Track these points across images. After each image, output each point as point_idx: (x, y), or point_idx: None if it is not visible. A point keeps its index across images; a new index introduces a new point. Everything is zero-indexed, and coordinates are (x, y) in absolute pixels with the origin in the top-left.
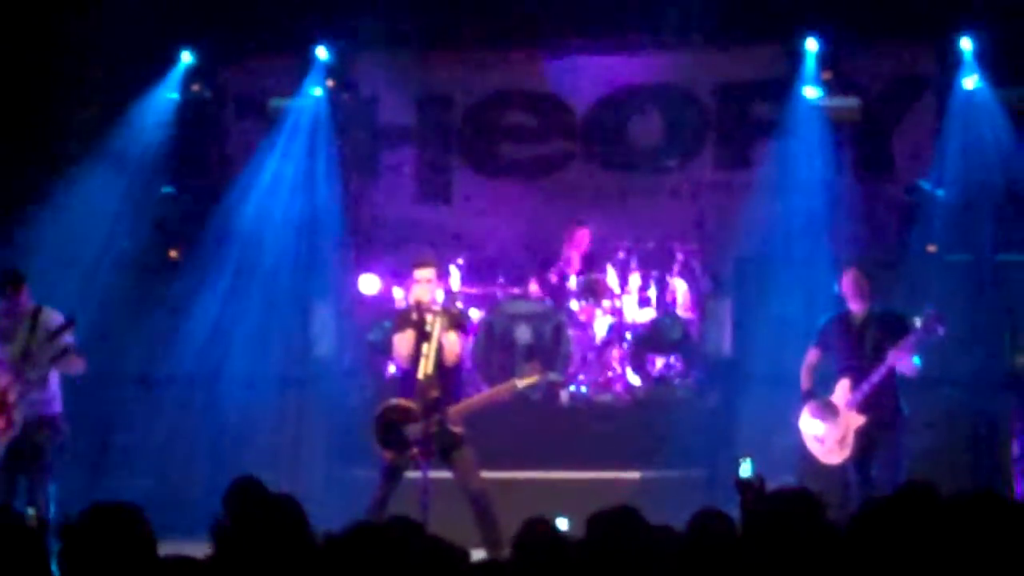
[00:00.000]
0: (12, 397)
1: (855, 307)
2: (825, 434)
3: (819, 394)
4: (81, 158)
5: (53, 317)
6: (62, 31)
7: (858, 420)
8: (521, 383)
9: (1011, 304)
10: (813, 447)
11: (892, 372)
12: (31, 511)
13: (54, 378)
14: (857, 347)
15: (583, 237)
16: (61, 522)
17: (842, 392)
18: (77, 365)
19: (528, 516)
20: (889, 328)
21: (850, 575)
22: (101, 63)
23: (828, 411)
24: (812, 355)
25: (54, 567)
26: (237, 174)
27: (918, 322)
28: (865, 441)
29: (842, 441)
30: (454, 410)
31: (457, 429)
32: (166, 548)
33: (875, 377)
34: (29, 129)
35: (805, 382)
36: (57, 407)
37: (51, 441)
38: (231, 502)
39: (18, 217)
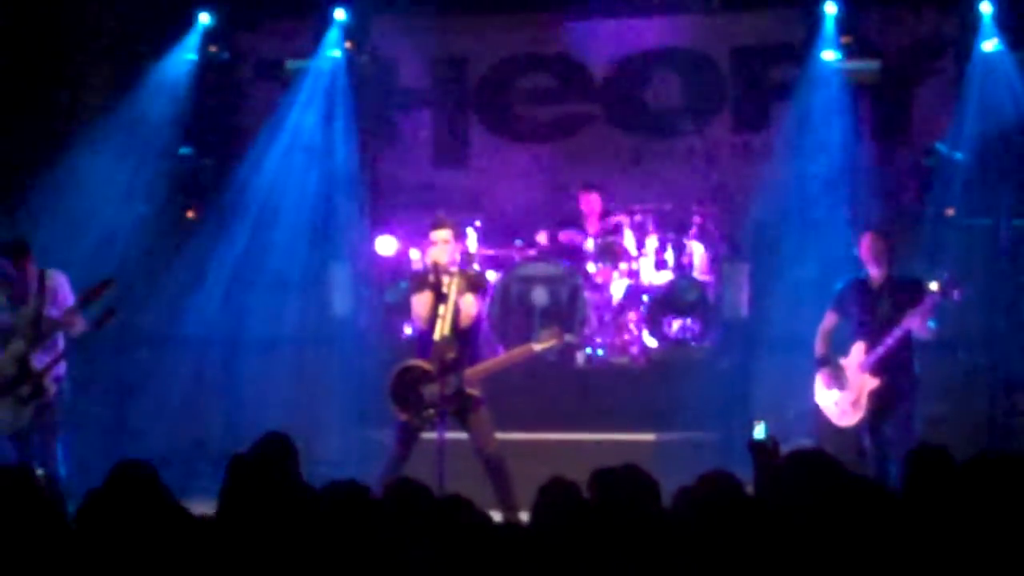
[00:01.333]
0: (35, 364)
1: (873, 271)
2: (839, 397)
3: (834, 358)
4: (98, 120)
5: (58, 280)
6: None
7: (872, 383)
8: (538, 346)
9: None
10: (828, 410)
11: (907, 335)
12: (40, 471)
13: (60, 339)
14: (873, 311)
15: (592, 201)
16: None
17: (857, 355)
18: (82, 324)
19: (543, 478)
20: (906, 292)
21: (868, 533)
22: (118, 24)
23: (841, 375)
24: (829, 319)
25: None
26: (255, 136)
27: (934, 286)
28: (879, 404)
29: (856, 403)
30: (470, 372)
31: (473, 391)
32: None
33: (890, 340)
34: (45, 91)
35: (820, 347)
36: (63, 370)
37: (58, 400)
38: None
39: (35, 179)
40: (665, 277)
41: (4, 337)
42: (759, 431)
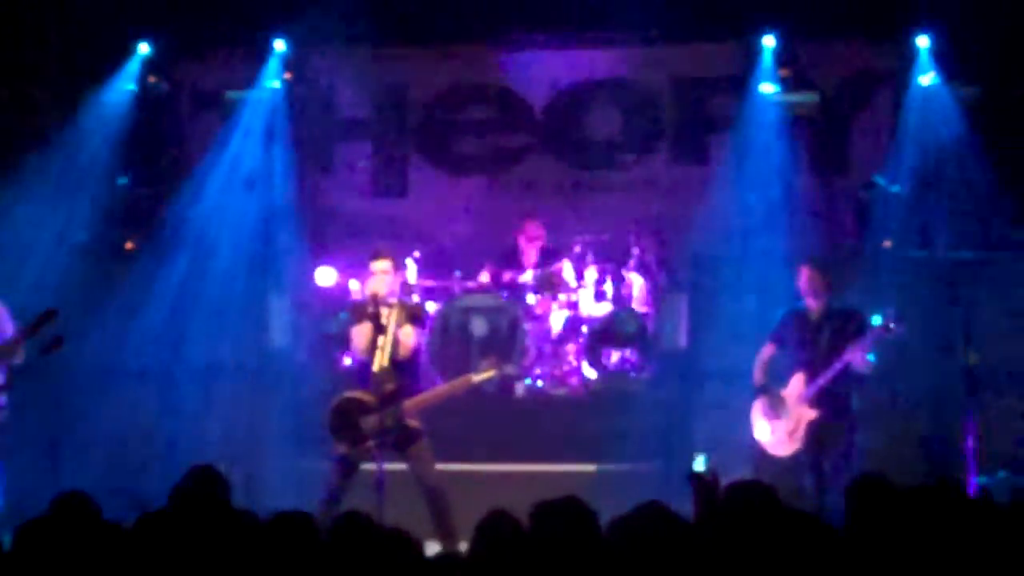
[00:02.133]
0: None
1: (811, 303)
2: (776, 427)
3: (772, 387)
4: (36, 148)
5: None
6: (20, 19)
7: (810, 414)
8: (477, 378)
9: (965, 300)
10: (764, 439)
11: (846, 368)
12: None
13: (1, 369)
14: (813, 343)
15: (533, 229)
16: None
17: (796, 386)
18: (21, 356)
19: (484, 509)
20: (845, 325)
21: (807, 566)
22: (58, 53)
23: (780, 404)
24: (767, 349)
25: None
26: (193, 166)
27: (877, 320)
28: (817, 436)
29: (792, 434)
30: (410, 403)
31: (413, 422)
32: None
33: (830, 372)
34: None
35: (758, 375)
36: (2, 398)
37: None
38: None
39: None
40: (604, 308)
41: None
42: (699, 463)
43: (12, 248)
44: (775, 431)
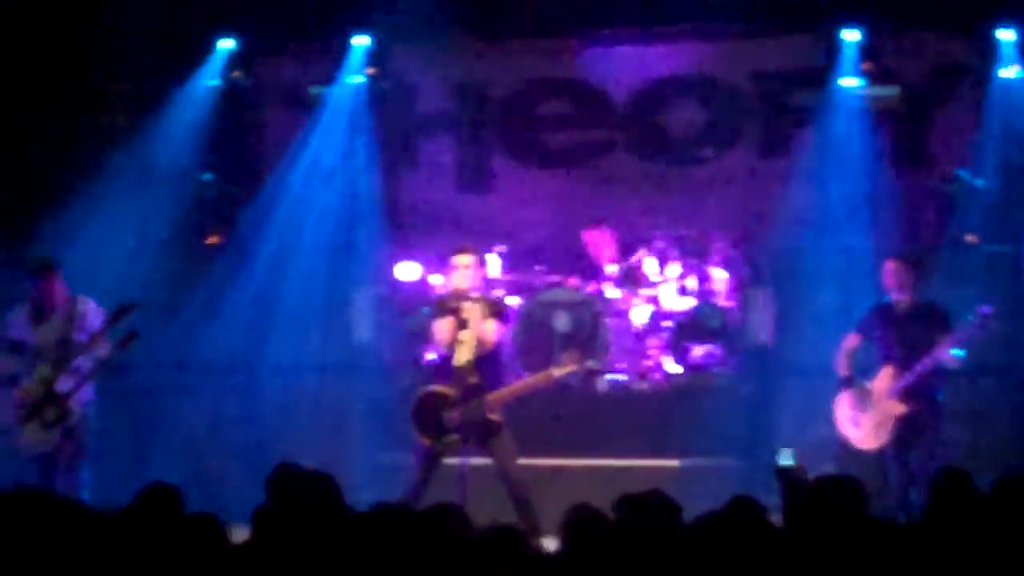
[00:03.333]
0: (61, 388)
1: (898, 297)
2: (862, 420)
3: (858, 380)
4: (121, 144)
5: (88, 306)
6: (104, 17)
7: (898, 408)
8: (558, 372)
9: None
10: (849, 432)
11: (935, 362)
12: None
13: (85, 363)
14: (901, 337)
15: (595, 238)
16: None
17: (884, 379)
18: (107, 348)
19: (566, 503)
20: (933, 319)
21: (890, 563)
22: (142, 50)
23: (866, 397)
24: (851, 340)
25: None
26: (276, 161)
27: (972, 318)
28: (905, 430)
29: (879, 427)
30: (492, 397)
31: (495, 416)
32: None
33: (920, 368)
34: (70, 114)
35: (843, 367)
36: (90, 394)
37: (84, 427)
38: (273, 486)
39: (59, 204)
40: (688, 303)
41: (30, 359)
42: (786, 457)
43: (96, 244)
44: (861, 424)
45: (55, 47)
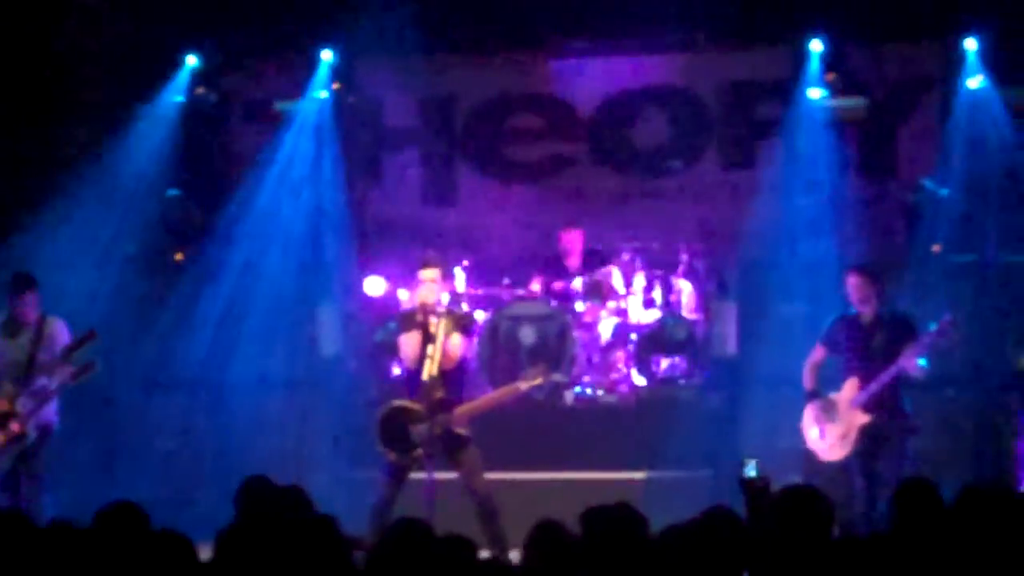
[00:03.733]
0: (20, 407)
1: (862, 309)
2: (827, 431)
3: (823, 392)
4: (86, 161)
5: (57, 327)
6: (68, 34)
7: (862, 419)
8: (525, 385)
9: (1015, 304)
10: (815, 444)
11: (899, 373)
12: None
13: (49, 384)
14: (866, 348)
15: (573, 239)
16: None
17: (849, 391)
18: (66, 376)
19: (533, 517)
20: (898, 330)
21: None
22: (107, 66)
23: (831, 409)
24: (817, 353)
25: None
26: (242, 176)
27: (933, 326)
28: (869, 440)
29: (844, 438)
30: (459, 411)
31: (462, 430)
32: None
33: (885, 377)
34: (33, 131)
35: (808, 380)
36: (53, 414)
37: (46, 448)
38: (241, 501)
39: (23, 220)
40: (653, 315)
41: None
42: (750, 468)
43: (62, 261)
44: (826, 436)
45: (20, 62)
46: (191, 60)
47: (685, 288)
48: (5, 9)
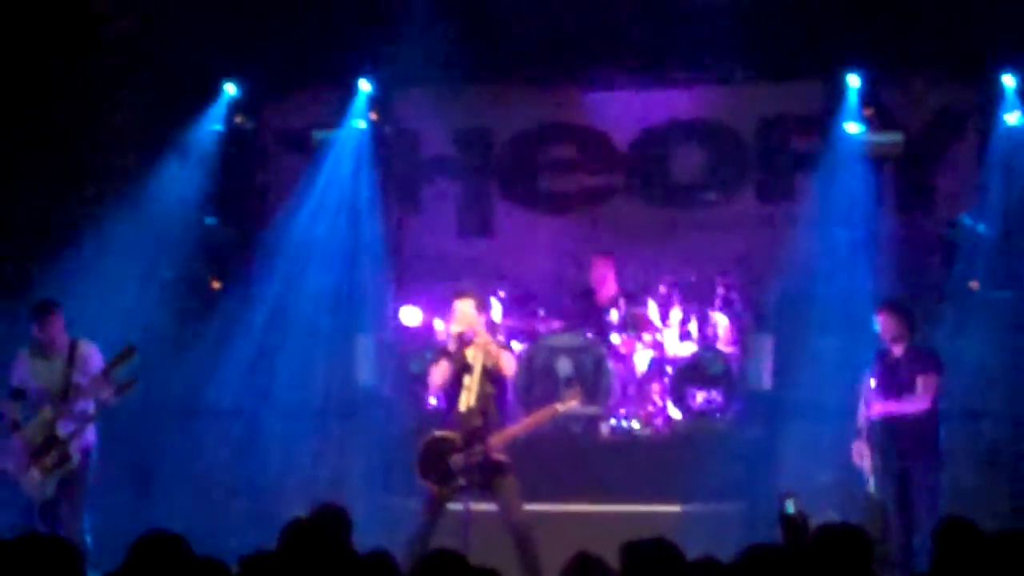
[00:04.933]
0: (62, 432)
1: (894, 347)
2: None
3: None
4: (124, 189)
5: (90, 349)
6: (107, 61)
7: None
8: (562, 407)
9: None
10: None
11: (935, 397)
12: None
13: (87, 407)
14: (891, 383)
15: (604, 267)
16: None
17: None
18: (109, 392)
19: (568, 549)
20: (920, 364)
21: None
22: (146, 94)
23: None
24: (866, 389)
25: None
26: (280, 205)
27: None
28: (904, 476)
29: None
30: (497, 438)
31: (500, 456)
32: None
33: (885, 411)
34: (71, 158)
35: (861, 417)
36: (93, 438)
37: (87, 471)
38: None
39: (61, 248)
40: (689, 349)
41: (32, 402)
42: (789, 505)
43: (100, 288)
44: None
45: (59, 88)
46: (230, 89)
47: (721, 321)
48: (45, 35)
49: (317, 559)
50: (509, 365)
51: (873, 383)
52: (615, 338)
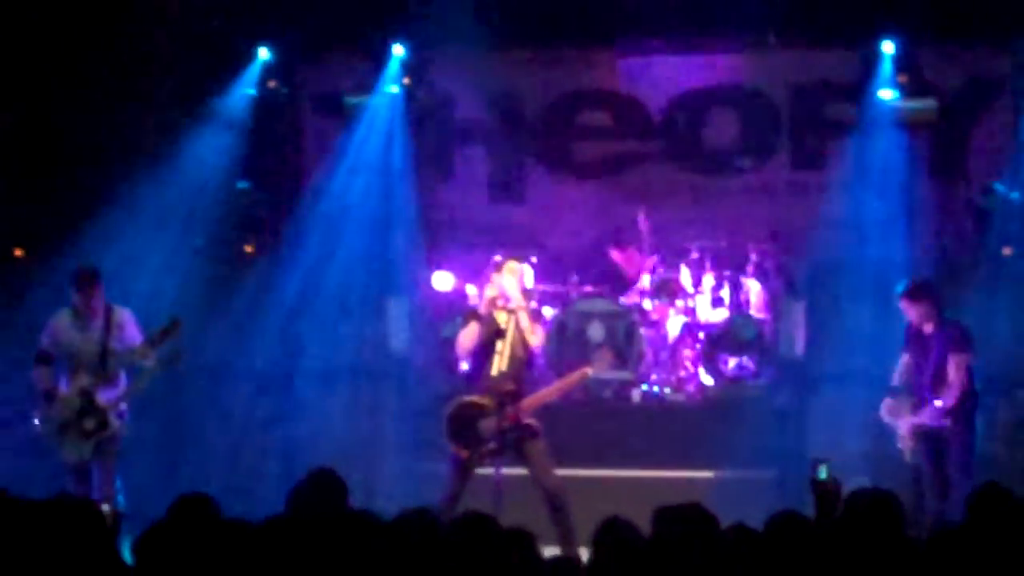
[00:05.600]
0: (101, 399)
1: (923, 327)
2: (899, 424)
3: (900, 392)
4: (157, 153)
5: (125, 316)
6: (141, 27)
7: (908, 443)
8: (592, 370)
9: None
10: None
11: (968, 374)
12: (106, 506)
13: (123, 374)
14: (924, 359)
15: (624, 258)
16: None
17: (908, 411)
18: (152, 361)
19: (600, 515)
20: (949, 343)
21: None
22: (180, 59)
23: (902, 409)
24: (904, 357)
25: (127, 556)
26: (313, 170)
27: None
28: (938, 440)
29: (903, 440)
30: (528, 401)
31: (531, 421)
32: None
33: (925, 417)
34: (104, 124)
35: (896, 377)
36: (124, 408)
37: (120, 437)
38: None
39: (95, 212)
40: (721, 315)
41: (69, 368)
42: (822, 471)
43: (133, 252)
44: (899, 428)
45: (91, 55)
46: (263, 53)
47: (753, 287)
48: (76, 2)
49: (321, 522)
50: (538, 338)
51: (906, 358)
52: (647, 304)
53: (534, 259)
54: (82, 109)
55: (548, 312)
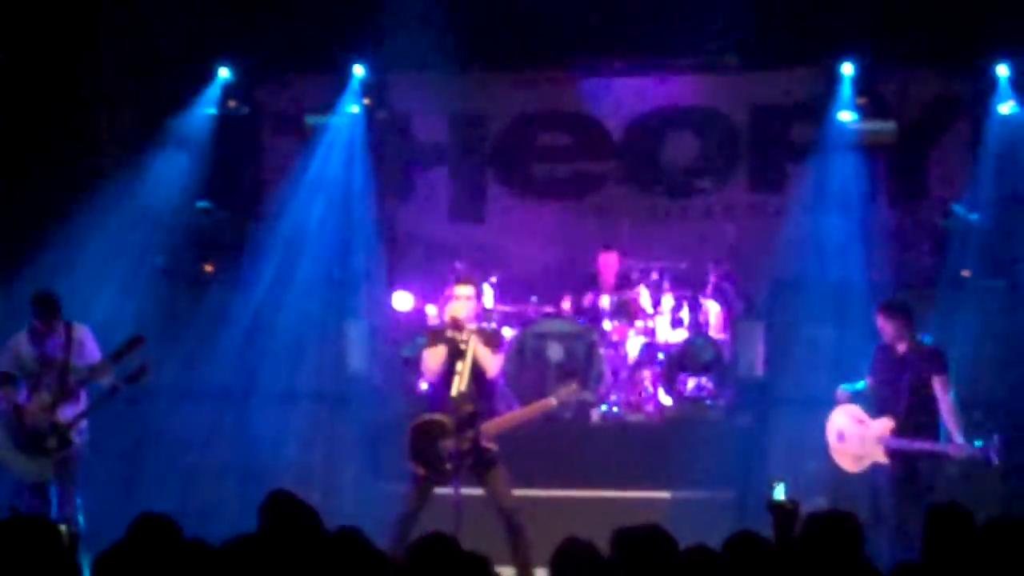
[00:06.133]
0: (62, 417)
1: (896, 345)
2: (848, 440)
3: (862, 404)
4: (117, 172)
5: (84, 332)
6: (101, 45)
7: (881, 459)
8: (556, 401)
9: None
10: (832, 440)
11: (931, 396)
12: (63, 527)
13: (84, 392)
14: (897, 381)
15: (609, 261)
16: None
17: (881, 428)
18: (111, 378)
19: (558, 534)
20: (928, 364)
21: None
22: (139, 78)
23: (863, 425)
24: (868, 383)
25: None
26: (272, 190)
27: (979, 443)
28: (900, 466)
29: (858, 460)
30: (488, 426)
31: (491, 445)
32: None
33: (919, 446)
34: (64, 142)
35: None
36: (84, 421)
37: (81, 455)
38: (266, 514)
39: (54, 231)
40: (680, 335)
41: (29, 387)
42: (779, 491)
43: (92, 272)
44: (845, 442)
45: (51, 73)
46: (223, 73)
47: (713, 308)
48: (37, 20)
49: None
50: (493, 367)
51: (871, 382)
52: (607, 324)
53: (494, 279)
54: (42, 128)
55: (508, 332)
